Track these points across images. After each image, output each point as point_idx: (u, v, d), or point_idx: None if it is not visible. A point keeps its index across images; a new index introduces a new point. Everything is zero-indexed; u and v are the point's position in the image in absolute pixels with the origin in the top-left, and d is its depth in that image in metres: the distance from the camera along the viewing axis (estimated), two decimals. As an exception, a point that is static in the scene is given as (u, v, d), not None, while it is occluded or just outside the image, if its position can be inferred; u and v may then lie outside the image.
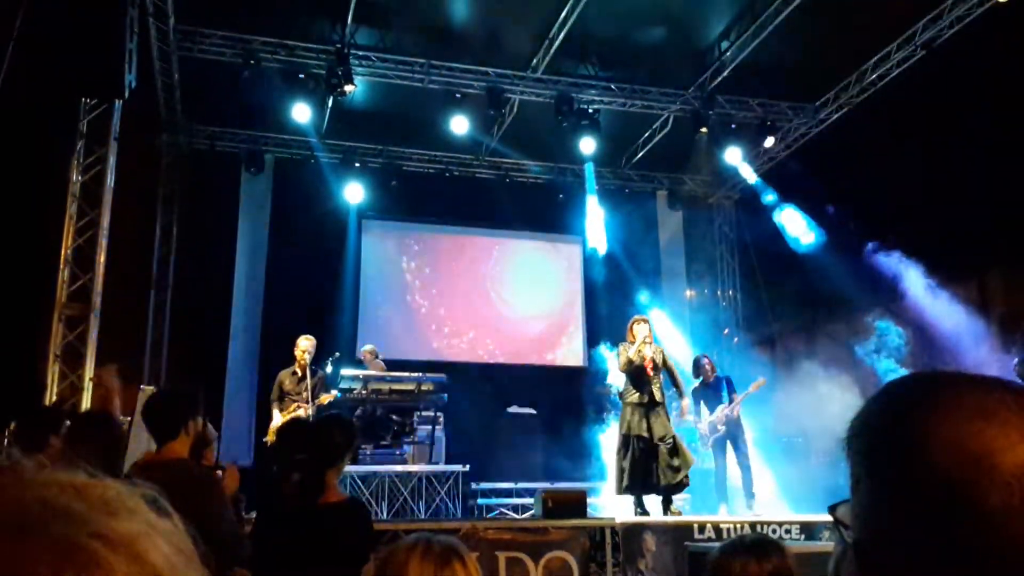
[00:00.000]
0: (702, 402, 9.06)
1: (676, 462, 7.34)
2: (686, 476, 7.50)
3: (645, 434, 7.33)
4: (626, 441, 7.44)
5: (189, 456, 3.54)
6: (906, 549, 0.72)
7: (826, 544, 4.90)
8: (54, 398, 7.57)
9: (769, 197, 12.92)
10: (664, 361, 7.71)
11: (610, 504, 8.25)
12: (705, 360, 9.27)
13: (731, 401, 8.90)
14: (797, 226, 12.44)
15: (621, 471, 7.47)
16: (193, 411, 3.48)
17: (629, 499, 7.57)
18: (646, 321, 7.80)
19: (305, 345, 8.60)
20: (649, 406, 7.43)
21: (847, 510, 0.80)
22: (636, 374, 7.55)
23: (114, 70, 7.13)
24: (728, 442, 8.79)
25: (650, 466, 7.33)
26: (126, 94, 7.51)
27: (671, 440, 7.38)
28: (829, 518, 0.81)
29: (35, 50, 6.76)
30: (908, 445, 0.73)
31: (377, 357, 9.98)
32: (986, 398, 0.73)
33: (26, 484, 0.51)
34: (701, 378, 9.13)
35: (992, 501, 0.67)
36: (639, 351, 7.54)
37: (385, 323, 12.60)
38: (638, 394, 7.48)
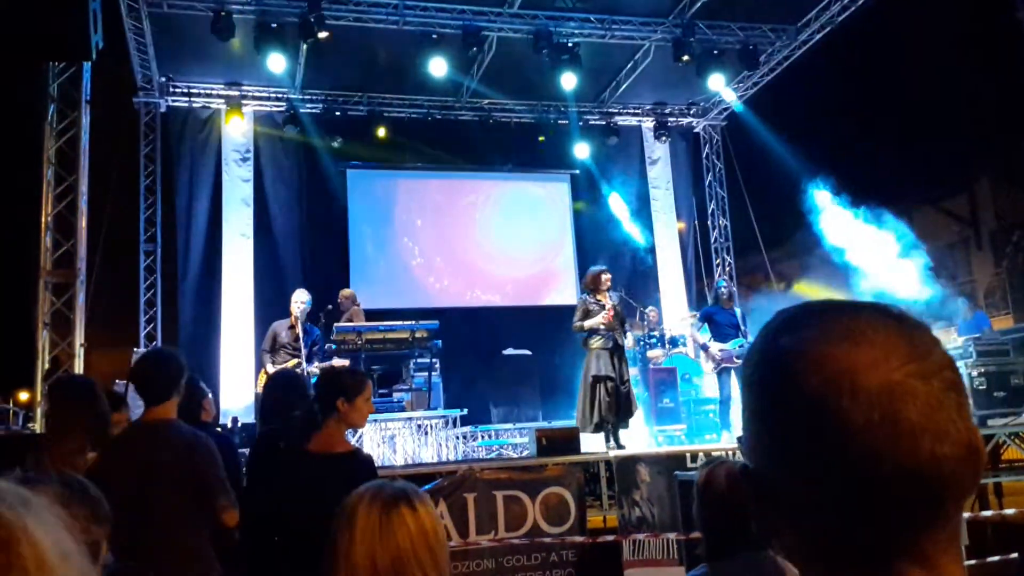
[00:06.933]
0: (707, 324, 9.01)
1: (631, 405, 7.81)
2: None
3: (613, 374, 7.71)
4: (595, 382, 7.75)
5: (180, 415, 3.52)
6: (784, 470, 0.74)
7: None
8: (47, 366, 7.60)
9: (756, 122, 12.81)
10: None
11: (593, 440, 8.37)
12: (723, 287, 9.18)
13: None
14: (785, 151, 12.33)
15: (591, 410, 7.76)
16: (183, 371, 3.45)
17: (601, 436, 7.78)
18: (604, 273, 8.08)
19: (301, 298, 8.68)
20: (614, 350, 7.82)
21: None
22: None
23: (79, 32, 6.98)
24: (734, 372, 8.71)
25: (615, 404, 7.71)
26: (93, 55, 7.36)
27: (627, 385, 7.84)
28: None
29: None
30: (779, 369, 0.74)
31: (356, 303, 9.90)
32: (854, 321, 0.74)
33: None
34: (718, 305, 9.03)
35: (855, 419, 0.68)
36: (599, 302, 7.86)
37: (376, 272, 12.59)
38: (602, 339, 7.82)
